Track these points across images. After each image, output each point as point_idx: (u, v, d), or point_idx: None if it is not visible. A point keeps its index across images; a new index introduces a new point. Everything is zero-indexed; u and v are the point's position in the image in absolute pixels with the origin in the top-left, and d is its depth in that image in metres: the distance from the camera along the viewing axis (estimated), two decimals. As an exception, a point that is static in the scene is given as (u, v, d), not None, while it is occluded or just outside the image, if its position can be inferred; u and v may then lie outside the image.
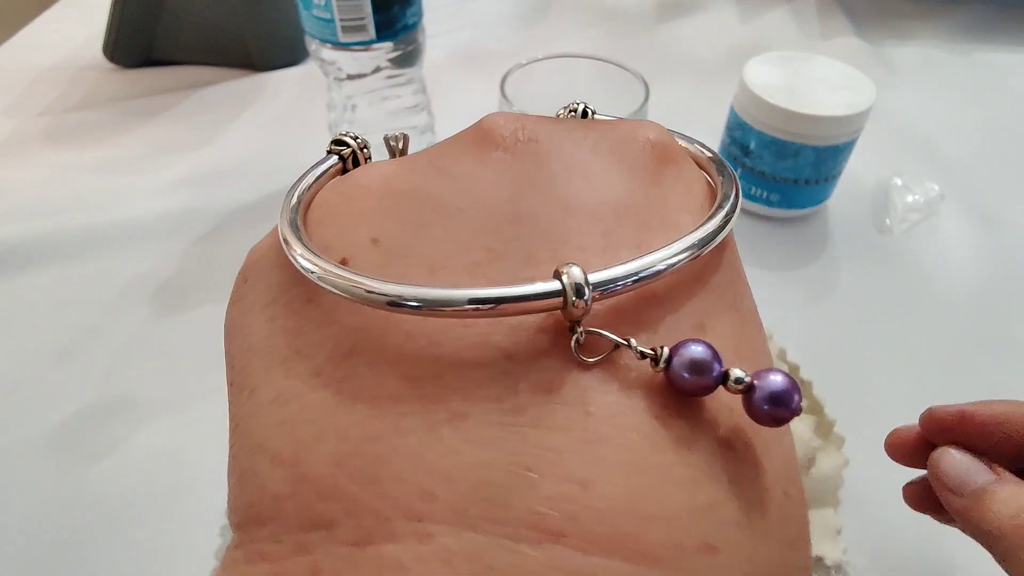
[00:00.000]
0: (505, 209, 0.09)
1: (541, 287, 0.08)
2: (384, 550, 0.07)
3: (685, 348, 0.08)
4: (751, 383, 0.08)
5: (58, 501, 0.27)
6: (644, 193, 0.10)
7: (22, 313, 0.34)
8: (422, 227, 0.09)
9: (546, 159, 0.10)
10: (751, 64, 0.36)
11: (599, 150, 0.10)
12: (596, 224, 0.09)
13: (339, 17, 0.32)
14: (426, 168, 0.10)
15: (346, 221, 0.10)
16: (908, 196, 0.39)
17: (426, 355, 0.08)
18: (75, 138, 0.45)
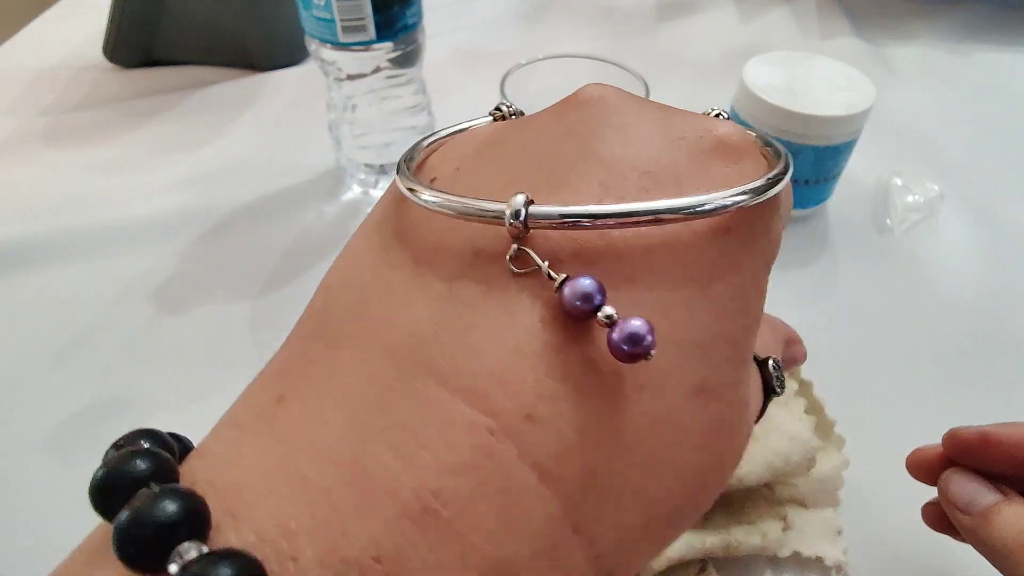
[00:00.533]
0: (544, 151, 0.11)
1: (492, 205, 0.10)
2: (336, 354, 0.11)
3: (577, 279, 0.10)
4: (615, 320, 0.09)
5: (58, 500, 0.27)
6: (676, 167, 0.11)
7: (22, 313, 0.34)
8: (487, 161, 0.12)
9: (603, 117, 0.12)
10: (751, 64, 0.36)
11: (657, 123, 0.12)
12: (599, 173, 0.11)
13: (339, 17, 0.32)
14: (514, 124, 0.13)
15: (445, 155, 0.13)
16: (908, 196, 0.39)
17: (428, 243, 0.11)
18: (75, 138, 0.45)
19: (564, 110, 0.12)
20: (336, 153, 0.40)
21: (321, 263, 0.37)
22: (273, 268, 0.36)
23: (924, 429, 0.29)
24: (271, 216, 0.39)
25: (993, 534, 0.17)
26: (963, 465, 0.19)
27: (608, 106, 0.12)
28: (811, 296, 0.35)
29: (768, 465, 0.24)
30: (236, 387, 0.35)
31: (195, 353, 0.32)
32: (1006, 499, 0.18)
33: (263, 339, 0.33)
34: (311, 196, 0.41)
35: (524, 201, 0.10)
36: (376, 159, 0.39)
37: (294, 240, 0.38)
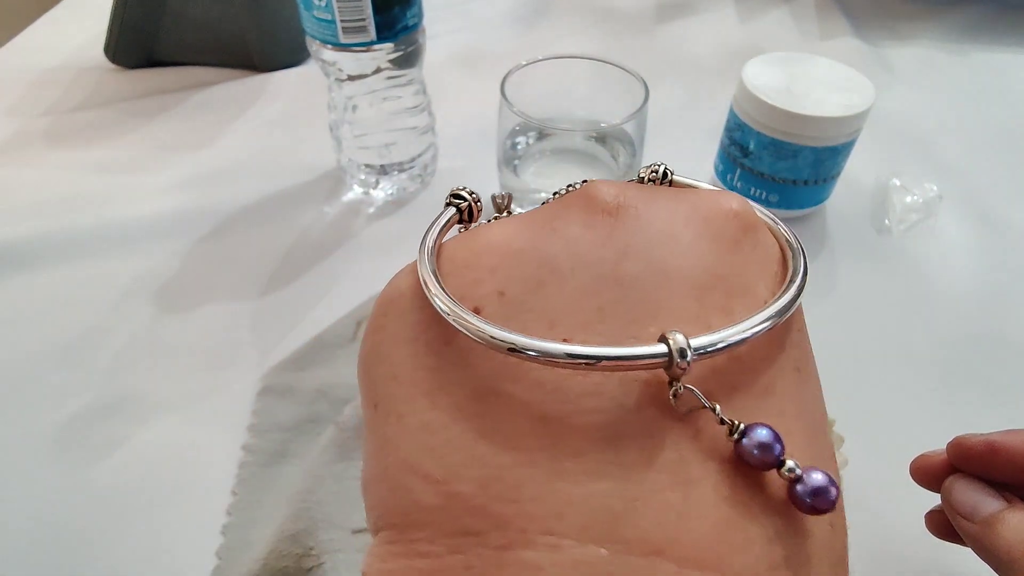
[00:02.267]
0: (610, 272, 0.11)
1: (650, 349, 0.09)
2: (524, 555, 0.09)
3: (754, 431, 0.09)
4: (799, 476, 0.09)
5: (61, 499, 0.27)
6: (729, 261, 0.11)
7: (24, 312, 0.34)
8: (540, 284, 0.11)
9: (646, 226, 0.11)
10: (750, 65, 0.36)
11: (691, 220, 0.12)
12: (690, 291, 0.11)
13: (340, 18, 0.32)
14: (541, 229, 0.11)
15: (476, 275, 0.11)
16: (907, 196, 0.40)
17: (552, 401, 0.10)
18: (77, 138, 0.45)
19: (592, 215, 0.11)
20: (337, 154, 0.41)
21: (322, 263, 0.37)
22: (274, 268, 0.37)
23: (922, 428, 0.29)
24: (272, 216, 0.40)
25: (997, 541, 0.17)
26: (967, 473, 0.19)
27: (641, 211, 0.11)
28: (810, 296, 0.35)
29: None
30: (237, 387, 0.35)
31: (196, 353, 0.32)
32: (1010, 506, 0.17)
33: (264, 339, 0.33)
34: (312, 196, 0.41)
35: (684, 340, 0.09)
36: (376, 159, 0.39)
37: (295, 240, 0.38)
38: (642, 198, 0.12)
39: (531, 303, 0.11)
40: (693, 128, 0.46)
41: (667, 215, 0.11)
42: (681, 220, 0.11)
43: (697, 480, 0.09)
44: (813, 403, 0.11)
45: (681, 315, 0.10)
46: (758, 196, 0.38)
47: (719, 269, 0.11)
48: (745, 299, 0.11)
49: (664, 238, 0.11)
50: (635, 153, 0.35)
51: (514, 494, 0.09)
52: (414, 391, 0.11)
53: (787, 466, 0.09)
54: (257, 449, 0.28)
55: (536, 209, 0.12)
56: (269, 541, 0.25)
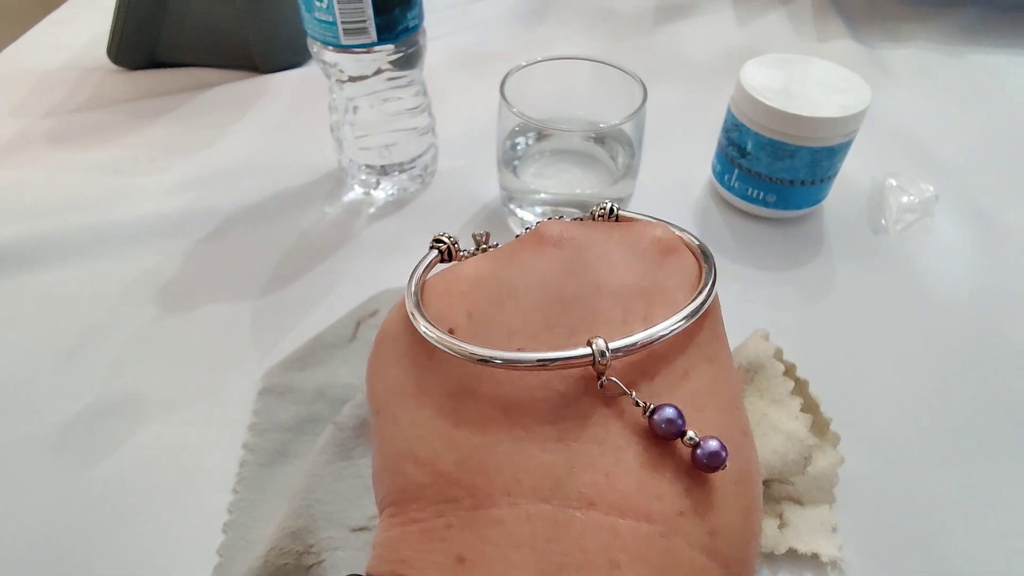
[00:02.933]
0: (555, 290, 0.14)
1: (578, 352, 0.12)
2: (490, 512, 0.12)
3: (662, 410, 0.12)
4: (698, 442, 0.12)
5: (62, 498, 0.27)
6: (651, 277, 0.14)
7: (26, 312, 0.34)
8: (499, 303, 0.14)
9: (583, 253, 0.14)
10: (748, 66, 0.37)
11: (620, 246, 0.14)
12: (617, 302, 0.13)
13: (341, 19, 0.32)
14: (501, 260, 0.14)
15: (450, 300, 0.14)
16: (903, 197, 0.40)
17: (511, 394, 0.13)
18: (80, 139, 0.45)
19: (542, 248, 0.14)
20: (337, 154, 0.41)
21: (322, 263, 0.37)
22: (275, 268, 0.37)
23: (917, 427, 0.29)
24: (273, 217, 0.40)
25: None
26: None
27: (580, 242, 0.14)
28: (807, 296, 0.35)
29: (765, 463, 0.24)
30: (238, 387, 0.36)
31: (198, 353, 0.32)
32: None
33: (265, 339, 0.33)
34: (313, 197, 0.41)
35: (604, 343, 0.12)
36: (377, 160, 0.40)
37: (296, 240, 0.38)
38: (582, 232, 0.15)
39: (494, 319, 0.13)
40: (691, 129, 0.46)
41: (602, 243, 0.14)
42: (613, 246, 0.14)
43: (621, 448, 0.12)
44: (726, 385, 0.14)
45: (609, 323, 0.13)
46: (755, 196, 0.38)
47: (643, 284, 0.14)
48: (665, 307, 0.14)
49: (598, 261, 0.14)
50: (634, 154, 0.35)
51: (482, 467, 0.12)
52: (405, 396, 0.14)
53: (687, 435, 0.12)
54: (257, 448, 0.28)
55: (499, 248, 0.15)
56: (270, 539, 0.25)
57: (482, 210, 0.40)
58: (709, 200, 0.41)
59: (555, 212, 0.36)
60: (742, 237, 0.39)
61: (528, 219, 0.37)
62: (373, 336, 0.32)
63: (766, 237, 0.39)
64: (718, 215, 0.40)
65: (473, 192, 0.41)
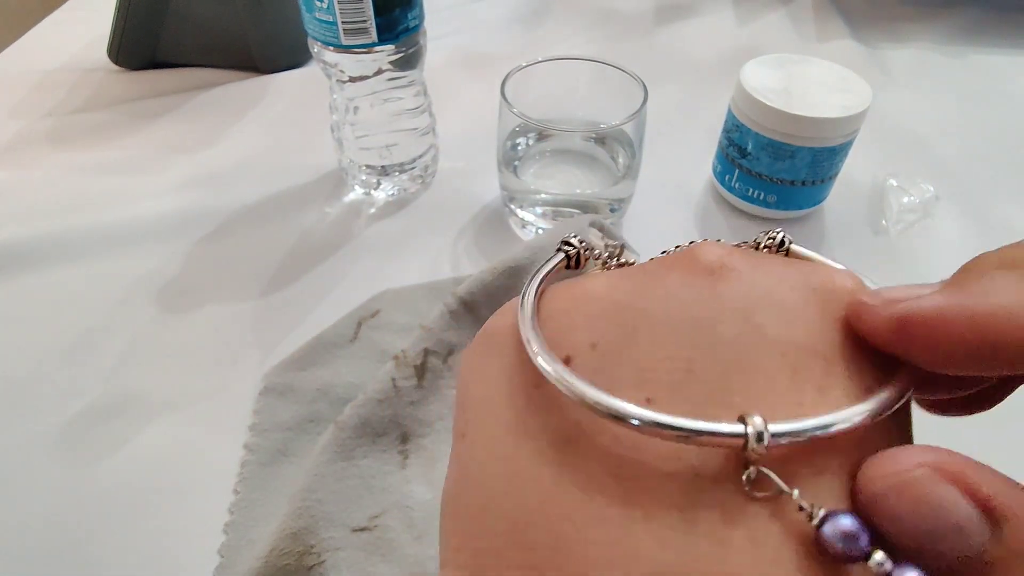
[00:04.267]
0: (705, 331, 0.10)
1: (726, 428, 0.09)
2: None
3: (837, 518, 0.09)
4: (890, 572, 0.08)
5: (63, 498, 0.27)
6: (832, 338, 0.10)
7: (28, 313, 0.34)
8: (633, 336, 0.11)
9: (748, 290, 0.11)
10: (748, 66, 0.37)
11: (798, 289, 0.11)
12: (785, 361, 0.10)
13: (341, 20, 0.32)
14: (641, 283, 0.11)
15: (572, 322, 0.11)
16: (904, 197, 0.40)
17: (629, 458, 0.10)
18: (80, 139, 0.45)
19: (695, 275, 0.11)
20: (338, 155, 0.41)
21: (323, 263, 0.37)
22: (276, 268, 0.37)
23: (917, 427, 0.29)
24: (274, 217, 0.40)
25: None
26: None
27: (745, 277, 0.11)
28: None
29: None
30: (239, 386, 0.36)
31: (199, 353, 0.32)
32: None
33: (266, 339, 0.33)
34: (313, 197, 0.41)
35: (763, 423, 0.09)
36: (377, 160, 0.40)
37: (296, 241, 0.38)
38: (748, 262, 0.11)
39: (622, 356, 0.10)
40: (692, 129, 0.46)
41: (773, 281, 0.11)
42: (787, 287, 0.11)
43: (775, 560, 0.09)
44: None
45: (771, 387, 0.10)
46: (756, 197, 0.38)
47: (820, 344, 0.10)
48: (848, 382, 0.10)
49: (766, 303, 0.11)
50: (634, 154, 0.35)
51: (578, 546, 0.09)
52: (502, 429, 0.11)
53: (875, 559, 0.08)
54: (258, 448, 0.28)
55: (639, 265, 0.12)
56: (270, 539, 0.25)
57: (483, 210, 0.40)
58: (710, 200, 0.41)
59: (556, 212, 0.36)
60: (743, 237, 0.38)
61: (528, 219, 0.37)
62: (375, 336, 0.32)
63: (766, 237, 0.39)
64: (719, 215, 0.40)
65: (473, 192, 0.41)
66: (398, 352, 0.29)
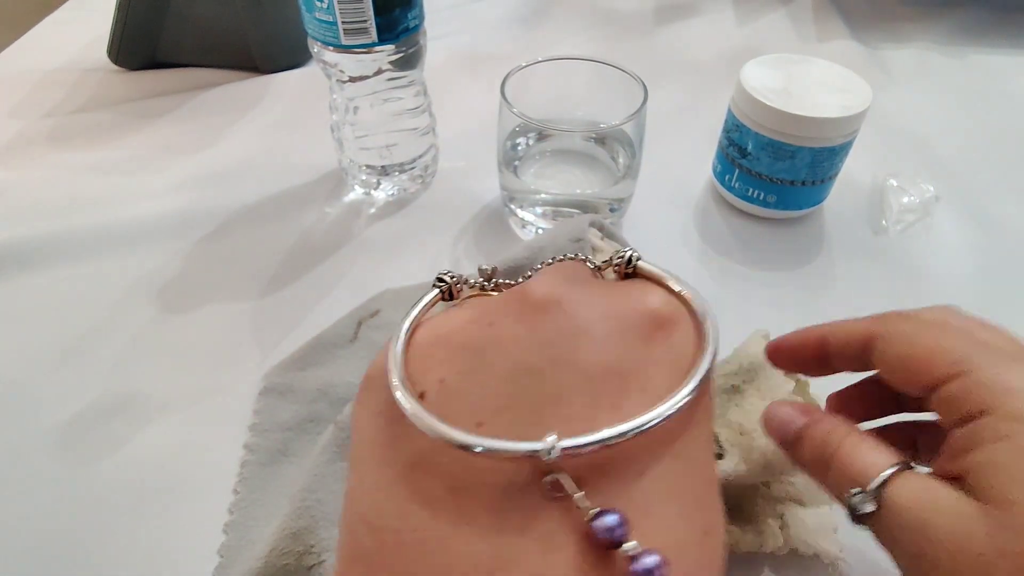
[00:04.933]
0: (528, 362, 0.13)
1: (527, 446, 0.12)
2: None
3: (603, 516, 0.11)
4: (634, 556, 0.11)
5: (63, 499, 0.27)
6: (633, 357, 0.13)
7: (27, 312, 0.34)
8: (472, 374, 0.13)
9: (565, 322, 0.13)
10: (748, 66, 0.37)
11: (607, 317, 0.13)
12: (587, 385, 0.13)
13: (341, 20, 0.32)
14: (481, 324, 0.14)
15: (426, 363, 0.14)
16: (904, 197, 0.40)
17: (462, 475, 0.12)
18: (80, 139, 0.45)
19: (525, 313, 0.14)
20: (338, 154, 0.41)
21: (323, 263, 0.37)
22: (276, 268, 0.37)
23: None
24: (273, 217, 0.40)
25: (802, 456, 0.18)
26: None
27: (565, 308, 0.13)
28: (807, 296, 0.35)
29: (765, 464, 0.24)
30: (239, 387, 0.36)
31: (198, 353, 0.32)
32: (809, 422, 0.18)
33: (266, 339, 0.33)
34: (313, 197, 0.41)
35: (555, 440, 0.12)
36: (377, 160, 0.40)
37: (296, 240, 0.38)
38: (571, 295, 0.14)
39: (462, 390, 0.13)
40: (692, 129, 0.46)
41: (587, 312, 0.13)
42: (597, 316, 0.13)
43: (558, 548, 0.12)
44: (693, 481, 0.13)
45: (573, 407, 0.12)
46: (756, 196, 0.38)
47: (622, 365, 0.13)
48: (641, 395, 0.13)
49: (578, 333, 0.13)
50: (634, 154, 0.35)
51: (420, 548, 0.12)
52: (372, 459, 0.14)
53: (623, 548, 0.11)
54: (258, 448, 0.28)
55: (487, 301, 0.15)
56: (270, 539, 0.25)
57: (483, 210, 0.40)
58: (710, 200, 0.41)
59: (556, 212, 0.36)
60: (743, 237, 0.39)
61: (528, 219, 0.37)
62: (375, 336, 0.32)
63: (767, 237, 0.39)
64: (719, 215, 0.40)
65: (473, 192, 0.41)
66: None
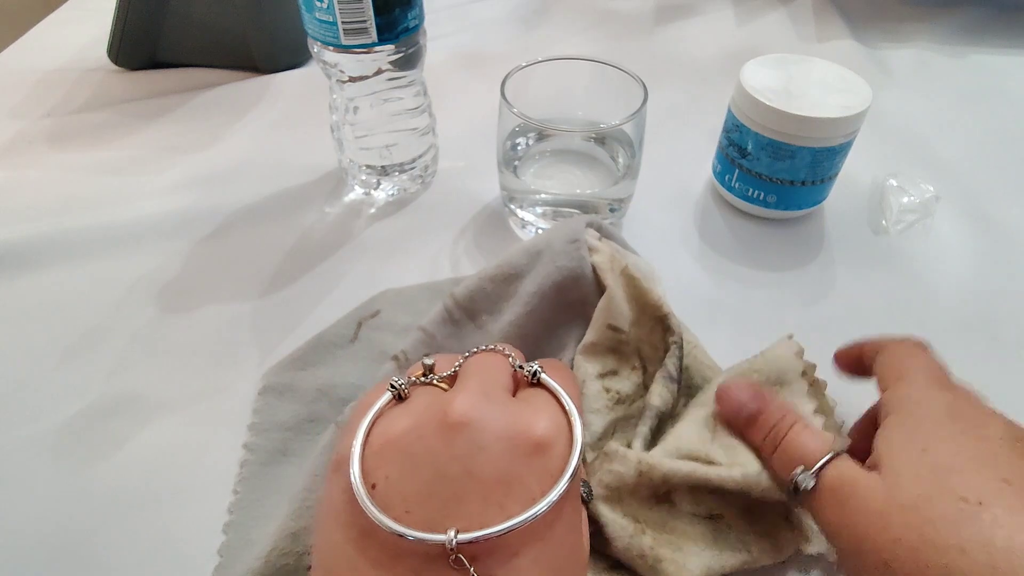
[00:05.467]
0: (444, 470, 0.17)
1: (436, 536, 0.16)
2: None
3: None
4: None
5: (62, 499, 0.27)
6: (517, 471, 0.18)
7: (27, 312, 0.34)
8: (405, 473, 0.18)
9: (472, 440, 0.18)
10: (748, 66, 0.37)
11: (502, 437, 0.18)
12: (481, 490, 0.17)
13: (341, 20, 0.32)
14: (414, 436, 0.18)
15: (377, 462, 0.18)
16: (903, 197, 0.40)
17: (395, 545, 0.17)
18: (80, 139, 0.45)
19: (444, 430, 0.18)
20: (338, 154, 0.41)
21: (323, 263, 0.37)
22: (276, 268, 0.37)
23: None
24: (273, 217, 0.40)
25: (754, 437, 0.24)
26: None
27: (474, 428, 0.18)
28: (807, 297, 0.35)
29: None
30: (239, 387, 0.35)
31: (198, 352, 0.33)
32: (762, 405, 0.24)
33: (266, 339, 0.33)
34: (313, 197, 0.41)
35: (454, 535, 0.16)
36: (377, 160, 0.40)
37: (296, 240, 0.38)
38: (484, 415, 0.18)
39: (398, 484, 0.18)
40: (692, 129, 0.46)
41: (490, 432, 0.18)
42: (495, 437, 0.18)
43: None
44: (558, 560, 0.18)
45: (471, 507, 0.17)
46: (756, 197, 0.38)
47: (508, 476, 0.17)
48: (520, 499, 0.17)
49: (479, 450, 0.18)
50: (634, 154, 0.35)
51: None
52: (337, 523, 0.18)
53: None
54: (258, 447, 0.28)
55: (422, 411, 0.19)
56: (270, 539, 0.25)
57: (482, 210, 0.40)
58: (709, 200, 0.41)
59: (556, 212, 0.36)
60: (742, 237, 0.39)
61: (528, 219, 0.37)
62: (374, 336, 0.32)
63: (766, 237, 0.39)
64: (718, 215, 0.40)
65: (473, 192, 0.41)
66: (397, 352, 0.29)
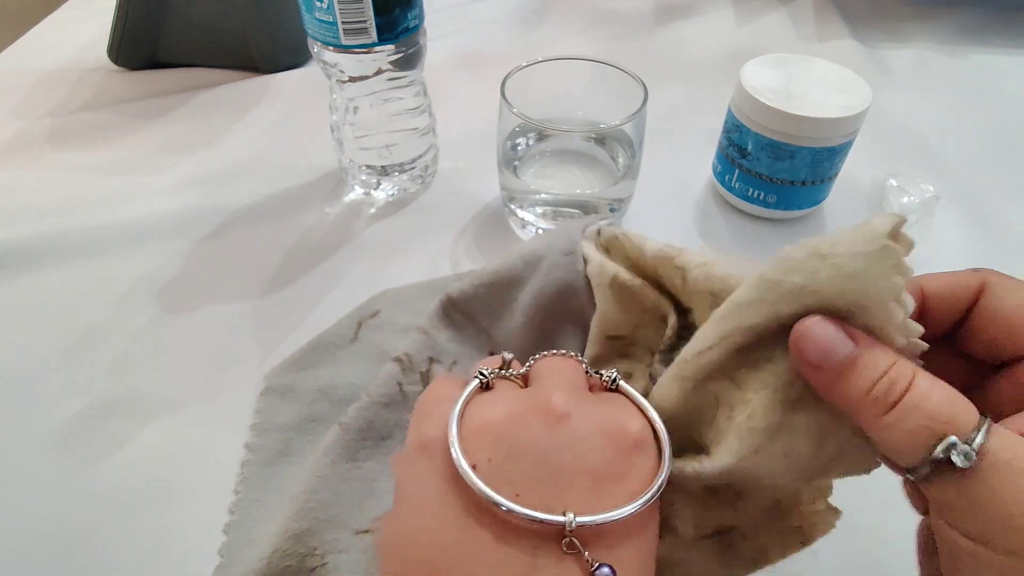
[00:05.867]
0: (548, 457, 0.18)
1: (554, 517, 0.17)
2: None
3: (600, 568, 0.17)
4: None
5: (63, 499, 0.27)
6: (618, 464, 0.18)
7: (27, 312, 0.34)
8: (511, 459, 0.18)
9: (574, 431, 0.18)
10: (748, 66, 0.37)
11: (602, 432, 0.18)
12: (588, 478, 0.18)
13: (341, 20, 0.32)
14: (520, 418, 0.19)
15: (478, 443, 0.18)
16: (904, 197, 0.40)
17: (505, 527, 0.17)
18: (80, 139, 0.45)
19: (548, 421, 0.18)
20: (338, 154, 0.41)
21: (323, 263, 0.37)
22: (276, 268, 0.37)
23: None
24: (274, 217, 0.40)
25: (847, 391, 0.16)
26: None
27: (576, 421, 0.18)
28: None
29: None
30: (239, 386, 0.35)
31: (199, 353, 0.33)
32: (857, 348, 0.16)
33: (266, 339, 0.33)
34: (313, 197, 0.41)
35: (573, 517, 0.17)
36: (377, 160, 0.40)
37: (296, 240, 0.38)
38: (581, 410, 0.19)
39: (503, 468, 0.18)
40: (692, 129, 0.46)
41: (590, 426, 0.18)
42: (597, 430, 0.18)
43: None
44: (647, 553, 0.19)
45: (580, 495, 0.18)
46: (756, 197, 0.38)
47: (611, 469, 0.18)
48: (624, 492, 0.18)
49: (582, 442, 0.18)
50: (634, 154, 0.35)
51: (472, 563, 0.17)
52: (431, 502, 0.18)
53: None
54: (259, 448, 0.28)
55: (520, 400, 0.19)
56: (273, 540, 0.25)
57: (483, 211, 0.40)
58: (710, 200, 0.41)
59: (556, 212, 0.36)
60: (742, 237, 0.39)
61: (528, 219, 0.37)
62: (374, 336, 0.32)
63: (766, 237, 0.39)
64: (718, 215, 0.40)
65: (473, 192, 0.41)
66: (400, 354, 0.29)
